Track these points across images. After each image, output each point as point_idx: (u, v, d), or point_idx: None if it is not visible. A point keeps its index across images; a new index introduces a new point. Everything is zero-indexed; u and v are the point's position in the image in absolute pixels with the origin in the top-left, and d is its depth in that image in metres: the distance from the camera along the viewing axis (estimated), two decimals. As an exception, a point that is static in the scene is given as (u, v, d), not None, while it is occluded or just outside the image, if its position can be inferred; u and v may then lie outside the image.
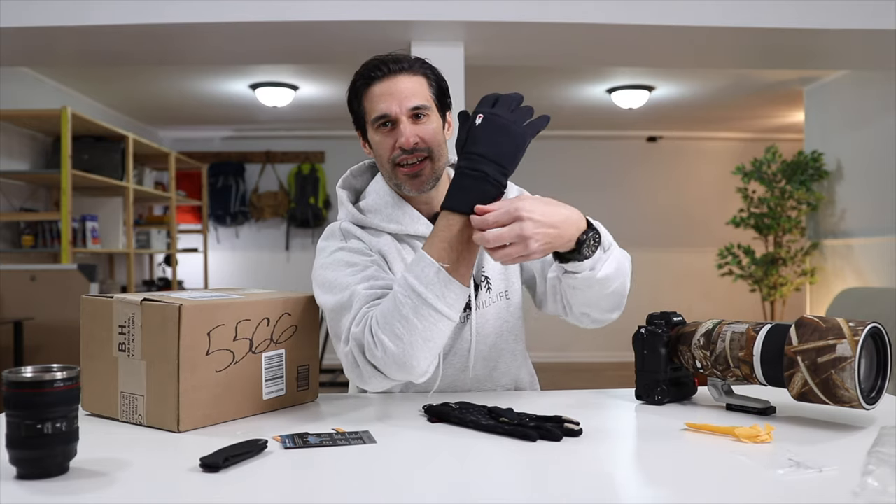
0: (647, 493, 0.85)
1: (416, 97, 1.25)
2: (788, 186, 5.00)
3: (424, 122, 1.26)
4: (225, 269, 6.79)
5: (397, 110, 1.24)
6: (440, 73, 1.33)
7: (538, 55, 3.89)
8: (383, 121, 1.25)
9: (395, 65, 1.26)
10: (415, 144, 1.24)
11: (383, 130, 1.26)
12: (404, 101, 1.24)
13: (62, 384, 0.83)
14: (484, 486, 0.84)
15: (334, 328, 1.18)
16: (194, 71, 4.84)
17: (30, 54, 3.73)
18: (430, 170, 1.27)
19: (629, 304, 1.32)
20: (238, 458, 0.88)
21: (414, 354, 1.07)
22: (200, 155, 6.65)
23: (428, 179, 1.27)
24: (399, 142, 1.24)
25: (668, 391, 1.19)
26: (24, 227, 4.40)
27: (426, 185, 1.28)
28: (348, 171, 1.40)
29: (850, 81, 4.85)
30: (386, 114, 1.24)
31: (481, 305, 1.32)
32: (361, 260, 1.23)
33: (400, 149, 1.24)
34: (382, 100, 1.24)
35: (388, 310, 1.09)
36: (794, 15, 3.27)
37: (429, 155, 1.26)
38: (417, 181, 1.27)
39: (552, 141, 6.90)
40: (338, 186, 1.38)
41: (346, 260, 1.22)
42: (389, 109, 1.24)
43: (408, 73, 1.26)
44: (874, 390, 1.03)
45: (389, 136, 1.26)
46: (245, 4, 3.16)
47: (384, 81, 1.25)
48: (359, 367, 1.12)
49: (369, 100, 1.27)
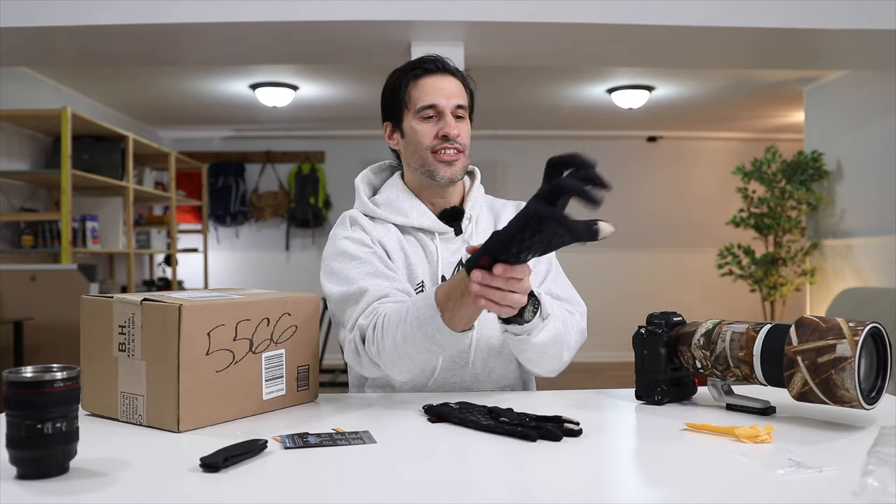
0: (647, 493, 0.85)
1: (461, 97, 1.38)
2: (788, 186, 5.00)
3: (463, 121, 1.39)
4: (225, 269, 6.78)
5: (445, 104, 1.36)
6: (474, 86, 1.45)
7: (538, 55, 3.89)
8: (430, 112, 1.36)
9: (444, 65, 1.39)
10: (457, 136, 1.36)
11: (427, 120, 1.36)
12: (451, 98, 1.37)
13: (62, 384, 0.83)
14: (484, 486, 0.84)
15: (339, 316, 1.30)
16: (194, 71, 4.84)
17: (30, 54, 3.73)
18: (462, 163, 1.39)
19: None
20: (238, 458, 0.88)
21: (400, 366, 1.21)
22: (200, 155, 6.65)
23: (460, 170, 1.39)
24: (443, 130, 1.35)
25: (668, 391, 1.19)
26: (24, 227, 4.39)
27: (458, 174, 1.39)
28: (368, 168, 1.50)
29: (850, 81, 4.84)
30: (435, 104, 1.36)
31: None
32: (363, 253, 1.33)
33: (442, 137, 1.35)
34: (432, 92, 1.36)
35: (393, 319, 1.19)
36: (794, 15, 3.26)
37: (464, 150, 1.38)
38: (451, 169, 1.37)
39: (552, 141, 6.90)
40: (356, 180, 1.47)
41: (350, 252, 1.33)
42: (438, 101, 1.36)
43: (453, 75, 1.40)
44: (874, 390, 1.03)
45: (433, 126, 1.36)
46: (245, 4, 3.16)
47: (435, 76, 1.38)
48: (359, 355, 1.25)
49: (418, 89, 1.37)
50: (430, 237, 1.40)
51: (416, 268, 1.38)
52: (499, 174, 6.65)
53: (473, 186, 1.47)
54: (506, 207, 1.50)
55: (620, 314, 3.68)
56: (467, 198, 1.45)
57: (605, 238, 0.98)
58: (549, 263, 1.44)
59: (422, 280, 1.37)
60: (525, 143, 6.83)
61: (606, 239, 1.00)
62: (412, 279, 1.37)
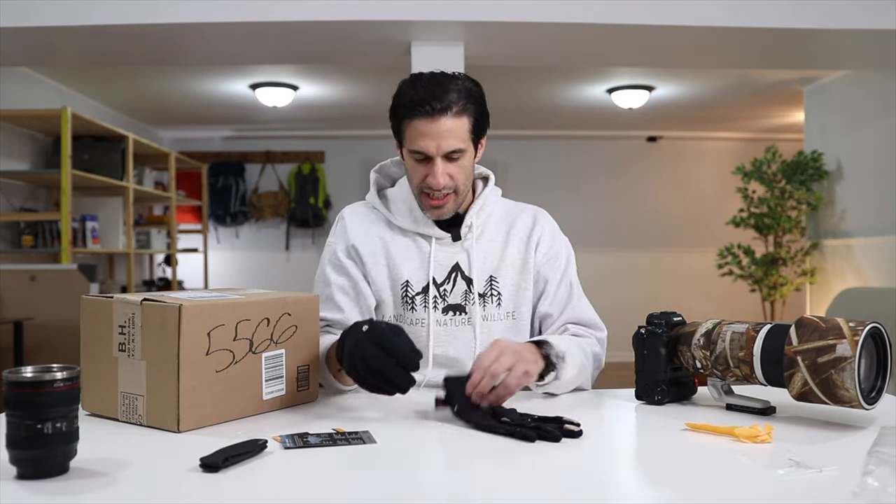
0: (647, 493, 0.85)
1: (454, 140, 1.31)
2: (788, 186, 5.00)
3: (457, 161, 1.34)
4: (225, 269, 6.78)
5: (434, 151, 1.31)
6: (483, 101, 1.36)
7: (538, 55, 3.89)
8: (420, 156, 1.33)
9: (440, 104, 1.29)
10: (444, 185, 1.33)
11: (418, 161, 1.34)
12: (442, 144, 1.30)
13: (62, 384, 0.83)
14: (484, 486, 0.84)
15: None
16: (194, 71, 4.84)
17: (30, 54, 3.73)
18: (452, 202, 1.37)
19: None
20: (238, 458, 0.88)
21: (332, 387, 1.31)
22: (200, 155, 6.65)
23: (449, 210, 1.38)
24: (428, 180, 1.33)
25: (668, 391, 1.19)
26: (24, 227, 4.39)
27: (446, 215, 1.39)
28: (389, 160, 1.51)
29: (850, 81, 4.84)
30: (423, 151, 1.32)
31: (489, 318, 1.39)
32: (330, 274, 1.41)
33: (429, 185, 1.33)
34: (422, 138, 1.31)
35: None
36: (794, 15, 3.26)
37: (454, 190, 1.36)
38: (439, 211, 1.38)
39: (552, 141, 6.90)
40: (373, 170, 1.49)
41: (325, 271, 1.42)
42: (427, 149, 1.31)
43: (452, 115, 1.30)
44: (874, 390, 1.03)
45: (423, 167, 1.34)
46: (245, 4, 3.16)
47: (427, 120, 1.30)
48: None
49: (410, 130, 1.32)
50: (426, 240, 1.41)
51: (400, 268, 1.39)
52: (499, 174, 6.55)
53: (483, 192, 1.45)
54: (524, 213, 1.48)
55: (620, 314, 3.68)
56: (474, 205, 1.44)
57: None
58: (569, 288, 1.44)
59: (406, 280, 1.38)
60: (525, 143, 6.83)
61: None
62: (395, 278, 1.39)
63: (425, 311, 1.37)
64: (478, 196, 1.45)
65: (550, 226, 1.48)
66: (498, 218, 1.47)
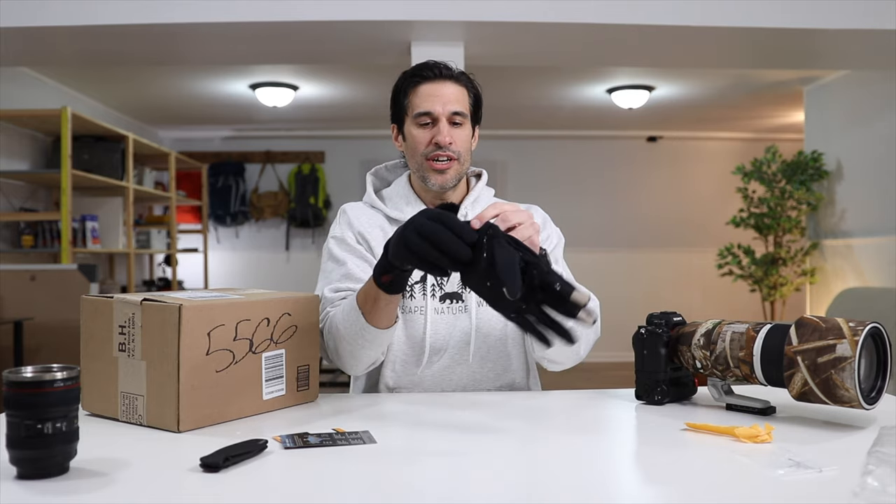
0: (647, 493, 0.85)
1: (458, 103, 1.39)
2: (788, 186, 5.00)
3: (459, 127, 1.39)
4: (225, 269, 6.79)
5: (440, 111, 1.37)
6: (479, 89, 1.45)
7: (538, 55, 3.89)
8: (426, 118, 1.38)
9: (446, 70, 1.39)
10: (449, 143, 1.37)
11: (423, 126, 1.38)
12: (447, 105, 1.37)
13: (62, 384, 0.83)
14: (484, 486, 0.84)
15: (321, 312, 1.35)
16: (194, 71, 4.84)
17: (30, 54, 3.73)
18: (455, 170, 1.40)
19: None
20: (238, 458, 0.88)
21: (349, 361, 1.28)
22: (200, 155, 6.65)
23: (452, 178, 1.40)
24: (437, 138, 1.37)
25: (668, 391, 1.19)
26: (24, 227, 4.39)
27: (450, 181, 1.40)
28: (383, 164, 1.55)
29: (850, 81, 4.84)
30: (430, 111, 1.37)
31: (484, 304, 1.36)
32: (342, 254, 1.40)
33: (435, 144, 1.37)
34: (429, 99, 1.38)
35: (335, 322, 1.26)
36: (794, 15, 3.26)
37: (457, 157, 1.39)
38: (443, 177, 1.39)
39: (552, 141, 6.90)
40: (368, 173, 1.53)
41: (334, 253, 1.41)
42: (433, 108, 1.37)
43: (454, 81, 1.40)
44: (874, 390, 1.03)
45: (428, 132, 1.38)
46: (245, 4, 3.16)
47: (433, 83, 1.38)
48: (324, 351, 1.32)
49: (416, 95, 1.39)
50: None
51: None
52: (499, 174, 6.64)
53: (477, 188, 1.48)
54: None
55: (620, 314, 3.68)
56: (468, 196, 1.46)
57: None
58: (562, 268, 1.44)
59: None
60: (525, 143, 6.83)
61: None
62: None
63: (423, 299, 1.38)
64: (472, 189, 1.49)
65: (542, 216, 1.51)
66: None
